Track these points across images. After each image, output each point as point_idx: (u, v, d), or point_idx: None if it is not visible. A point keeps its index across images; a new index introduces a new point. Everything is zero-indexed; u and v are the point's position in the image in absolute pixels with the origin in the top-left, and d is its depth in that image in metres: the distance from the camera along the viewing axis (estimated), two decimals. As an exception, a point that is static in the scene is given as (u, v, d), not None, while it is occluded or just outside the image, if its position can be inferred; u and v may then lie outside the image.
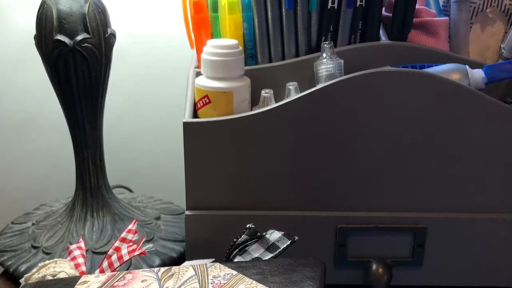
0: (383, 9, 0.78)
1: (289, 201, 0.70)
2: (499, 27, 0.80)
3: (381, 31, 0.77)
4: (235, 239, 0.63)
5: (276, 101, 0.70)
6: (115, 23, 0.79)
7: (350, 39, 0.76)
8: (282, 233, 0.63)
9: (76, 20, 0.74)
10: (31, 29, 0.76)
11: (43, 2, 0.74)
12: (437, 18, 0.78)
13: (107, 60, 0.77)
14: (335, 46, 0.75)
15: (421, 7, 0.78)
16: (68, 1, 0.74)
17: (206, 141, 0.68)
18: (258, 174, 0.69)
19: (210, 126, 0.67)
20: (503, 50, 0.78)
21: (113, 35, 0.77)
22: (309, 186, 0.70)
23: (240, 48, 0.71)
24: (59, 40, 0.73)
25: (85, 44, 0.74)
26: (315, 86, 0.67)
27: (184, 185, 0.70)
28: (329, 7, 0.74)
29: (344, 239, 0.71)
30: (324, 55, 0.72)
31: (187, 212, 0.71)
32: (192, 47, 0.80)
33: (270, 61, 0.77)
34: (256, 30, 0.76)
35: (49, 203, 0.92)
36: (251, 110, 0.71)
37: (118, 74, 0.93)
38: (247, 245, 0.63)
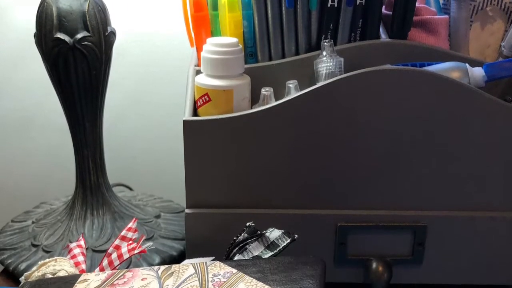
0: (383, 7, 0.78)
1: (289, 199, 0.70)
2: (499, 25, 0.80)
3: (381, 29, 0.77)
4: (235, 237, 0.63)
5: (276, 99, 0.70)
6: (115, 21, 0.79)
7: (350, 37, 0.76)
8: (282, 231, 0.63)
9: (76, 18, 0.74)
10: (31, 27, 0.76)
11: (43, 0, 0.74)
12: (437, 16, 0.78)
13: (107, 58, 0.77)
14: (335, 44, 0.75)
15: (421, 5, 0.78)
16: (68, -1, 0.74)
17: (206, 139, 0.68)
18: (258, 172, 0.69)
19: (210, 124, 0.67)
20: (503, 48, 0.78)
21: (113, 33, 0.77)
22: (309, 184, 0.70)
23: (240, 46, 0.71)
24: (59, 38, 0.73)
25: (85, 42, 0.74)
26: (315, 84, 0.67)
27: (184, 183, 0.70)
28: (329, 5, 0.74)
29: (344, 237, 0.71)
30: (324, 53, 0.72)
31: (187, 210, 0.71)
32: (192, 45, 0.80)
33: (270, 59, 0.77)
34: (256, 28, 0.76)
35: (49, 201, 0.92)
36: (251, 108, 0.71)
37: (118, 72, 0.93)
38: (247, 243, 0.63)
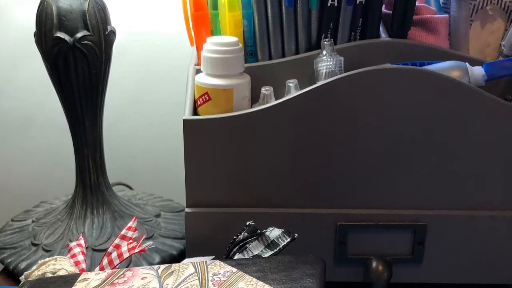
0: (383, 7, 0.78)
1: (289, 199, 0.70)
2: (499, 25, 0.80)
3: (381, 29, 0.77)
4: (235, 237, 0.63)
5: (276, 99, 0.70)
6: (115, 21, 0.79)
7: (350, 37, 0.76)
8: (282, 231, 0.63)
9: (76, 18, 0.74)
10: (31, 27, 0.76)
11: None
12: (437, 16, 0.78)
13: (107, 58, 0.77)
14: (335, 44, 0.75)
15: (421, 4, 0.78)
16: (68, -2, 0.74)
17: (206, 139, 0.68)
18: (258, 172, 0.69)
19: (210, 124, 0.67)
20: (503, 48, 0.78)
21: (113, 33, 0.77)
22: (309, 183, 0.70)
23: (240, 46, 0.71)
24: (59, 38, 0.73)
25: (85, 42, 0.74)
26: (315, 84, 0.67)
27: (184, 183, 0.70)
28: (329, 5, 0.74)
29: (344, 237, 0.71)
30: (324, 53, 0.72)
31: (187, 210, 0.71)
32: (192, 45, 0.80)
33: (270, 59, 0.77)
34: (256, 28, 0.76)
35: (49, 201, 0.92)
36: (251, 108, 0.71)
37: (118, 72, 0.93)
38: (247, 243, 0.63)
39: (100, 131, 0.81)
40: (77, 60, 0.74)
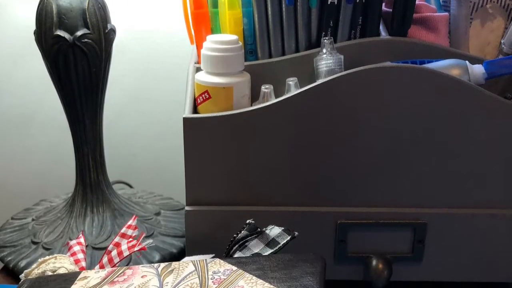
0: (383, 5, 0.78)
1: (289, 197, 0.70)
2: (499, 23, 0.80)
3: (381, 27, 0.77)
4: (235, 235, 0.63)
5: (276, 97, 0.70)
6: (115, 19, 0.79)
7: (350, 35, 0.76)
8: (282, 229, 0.63)
9: (76, 16, 0.74)
10: (31, 25, 0.76)
11: (43, -2, 0.74)
12: (437, 14, 0.78)
13: (107, 56, 0.77)
14: (335, 42, 0.75)
15: (421, 3, 0.78)
16: (68, -3, 0.74)
17: (206, 137, 0.68)
18: (258, 170, 0.69)
19: (210, 122, 0.67)
20: (503, 46, 0.77)
21: (113, 31, 0.77)
22: (309, 182, 0.70)
23: (240, 44, 0.71)
24: (59, 36, 0.73)
25: (85, 40, 0.74)
26: (315, 82, 0.67)
27: (184, 181, 0.70)
28: (329, 3, 0.74)
29: (344, 235, 0.71)
30: (324, 51, 0.72)
31: (187, 208, 0.71)
32: (192, 43, 0.80)
33: (270, 57, 0.77)
34: (256, 26, 0.76)
35: (49, 199, 0.92)
36: (251, 106, 0.71)
37: (118, 70, 0.93)
38: (247, 241, 0.63)
39: (100, 129, 0.81)
40: (77, 58, 0.74)
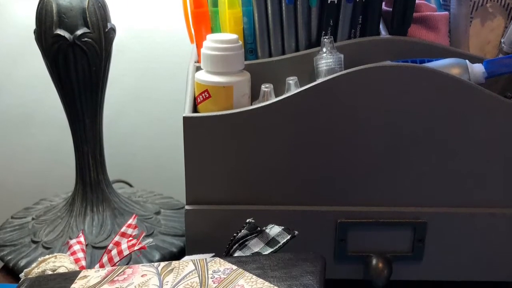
0: (383, 4, 0.78)
1: (289, 196, 0.70)
2: (499, 22, 0.80)
3: (381, 26, 0.77)
4: (235, 234, 0.63)
5: (276, 96, 0.70)
6: (115, 18, 0.79)
7: (350, 34, 0.76)
8: (282, 228, 0.63)
9: (76, 15, 0.73)
10: (31, 24, 0.76)
11: (43, -3, 0.74)
12: (437, 13, 0.78)
13: (107, 55, 0.77)
14: (335, 41, 0.75)
15: (421, 2, 0.78)
16: (68, -4, 0.74)
17: (206, 136, 0.68)
18: (258, 169, 0.69)
19: (210, 121, 0.67)
20: (503, 45, 0.77)
21: (113, 30, 0.77)
22: (309, 181, 0.70)
23: (240, 43, 0.71)
24: (59, 35, 0.73)
25: (85, 39, 0.74)
26: (315, 81, 0.67)
27: (184, 180, 0.70)
28: (329, 2, 0.74)
29: (344, 234, 0.71)
30: (324, 50, 0.72)
31: (187, 207, 0.71)
32: (192, 42, 0.80)
33: (270, 56, 0.77)
34: (256, 25, 0.76)
35: (49, 198, 0.92)
36: (251, 105, 0.71)
37: (118, 69, 0.93)
38: (247, 240, 0.63)
39: (100, 129, 0.81)
40: (77, 58, 0.74)
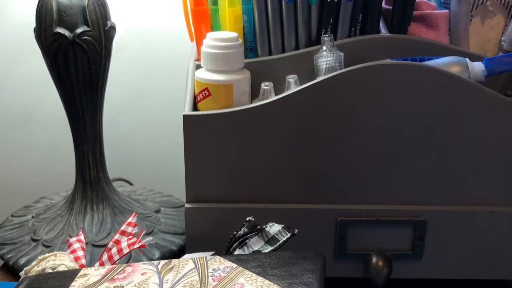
0: (383, 2, 0.78)
1: (289, 194, 0.70)
2: (499, 20, 0.80)
3: (381, 24, 0.77)
4: (235, 232, 0.63)
5: (276, 94, 0.70)
6: (115, 16, 0.79)
7: (350, 32, 0.76)
8: (282, 226, 0.63)
9: (76, 13, 0.73)
10: (31, 22, 0.76)
11: (43, -5, 0.74)
12: (437, 11, 0.78)
13: (107, 53, 0.77)
14: (335, 39, 0.75)
15: (421, 0, 0.78)
16: (68, -6, 0.74)
17: (206, 134, 0.68)
18: (258, 167, 0.69)
19: (210, 119, 0.67)
20: (503, 43, 0.77)
21: (113, 28, 0.77)
22: (309, 179, 0.70)
23: (240, 41, 0.71)
24: (59, 33, 0.73)
25: (85, 37, 0.74)
26: (315, 79, 0.67)
27: (184, 178, 0.70)
28: (329, 0, 0.74)
29: (344, 232, 0.71)
30: (324, 48, 0.72)
31: (187, 205, 0.71)
32: (192, 40, 0.80)
33: (270, 54, 0.77)
34: (256, 23, 0.76)
35: (49, 196, 0.92)
36: (251, 103, 0.71)
37: (118, 67, 0.93)
38: (247, 238, 0.63)
39: (100, 127, 0.81)
40: (77, 56, 0.74)
